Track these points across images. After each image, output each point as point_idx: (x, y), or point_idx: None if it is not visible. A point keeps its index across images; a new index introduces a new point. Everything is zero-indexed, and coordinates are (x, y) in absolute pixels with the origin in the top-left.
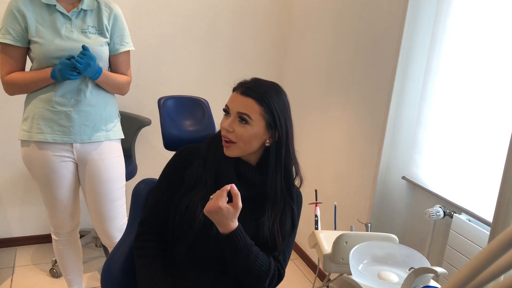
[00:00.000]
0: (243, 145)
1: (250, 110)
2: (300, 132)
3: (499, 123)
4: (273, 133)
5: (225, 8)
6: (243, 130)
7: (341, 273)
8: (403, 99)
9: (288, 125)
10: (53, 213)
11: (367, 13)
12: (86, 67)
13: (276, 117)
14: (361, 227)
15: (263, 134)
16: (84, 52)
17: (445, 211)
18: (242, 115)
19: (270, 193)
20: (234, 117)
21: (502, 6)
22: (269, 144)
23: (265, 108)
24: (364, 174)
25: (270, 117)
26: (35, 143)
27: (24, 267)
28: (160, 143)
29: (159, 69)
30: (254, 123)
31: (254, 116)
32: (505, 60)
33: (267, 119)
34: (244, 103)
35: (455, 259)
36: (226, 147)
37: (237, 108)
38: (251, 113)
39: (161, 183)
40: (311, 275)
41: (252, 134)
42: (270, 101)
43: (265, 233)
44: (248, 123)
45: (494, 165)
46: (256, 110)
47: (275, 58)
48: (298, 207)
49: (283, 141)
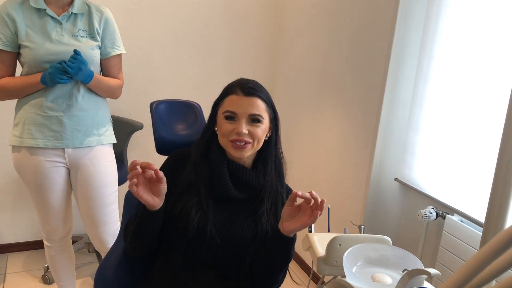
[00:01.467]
0: (256, 145)
1: (260, 109)
2: (293, 135)
3: (490, 124)
4: (273, 126)
5: (216, 12)
6: (257, 130)
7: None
8: (395, 101)
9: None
10: (45, 219)
11: (358, 16)
12: (78, 71)
13: (275, 110)
14: (354, 229)
15: (267, 129)
16: (75, 56)
17: (437, 212)
18: (255, 116)
19: (266, 186)
20: (246, 120)
21: (493, 8)
22: (267, 137)
23: (268, 103)
24: (356, 176)
25: (271, 111)
26: (27, 148)
27: (16, 274)
28: (153, 147)
29: (151, 73)
30: (264, 121)
31: (263, 114)
32: (495, 62)
33: (270, 114)
34: (252, 103)
35: (448, 260)
36: (242, 149)
37: (248, 111)
38: (261, 112)
39: None
40: (305, 277)
41: (263, 132)
42: (267, 94)
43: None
44: (261, 122)
45: (485, 166)
46: (263, 108)
47: (267, 61)
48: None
49: (275, 132)
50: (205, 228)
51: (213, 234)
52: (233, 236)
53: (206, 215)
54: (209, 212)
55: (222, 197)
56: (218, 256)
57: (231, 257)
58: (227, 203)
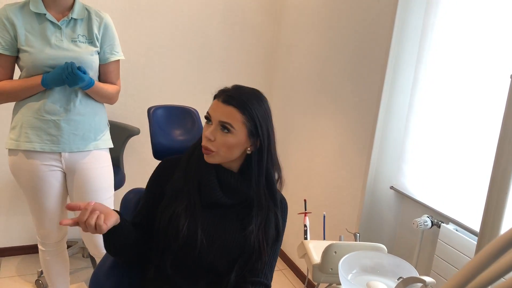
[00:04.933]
0: (224, 153)
1: (232, 119)
2: (289, 142)
3: (486, 134)
4: (255, 141)
5: (215, 18)
6: (224, 139)
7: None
8: (391, 110)
9: (270, 132)
10: (40, 223)
11: (356, 25)
12: (74, 85)
13: (258, 125)
14: (350, 237)
15: (245, 142)
16: (75, 73)
17: (432, 221)
18: (224, 124)
19: (255, 200)
20: (216, 126)
21: (489, 19)
22: (250, 151)
23: (247, 117)
24: (352, 184)
25: (252, 125)
26: (23, 152)
27: (9, 278)
28: (149, 153)
29: (149, 78)
30: (236, 132)
31: (236, 124)
32: (491, 72)
33: (248, 127)
34: (226, 111)
35: (442, 268)
36: (206, 154)
37: (219, 117)
38: (233, 121)
39: (145, 193)
40: (300, 285)
41: (234, 143)
42: (252, 109)
43: (252, 241)
44: (230, 132)
45: (481, 175)
46: (238, 118)
47: (264, 68)
48: (283, 214)
49: (265, 148)
50: (195, 234)
51: (203, 240)
52: (222, 241)
53: (195, 221)
54: (198, 218)
55: (211, 203)
56: (209, 262)
57: (222, 262)
58: (216, 209)
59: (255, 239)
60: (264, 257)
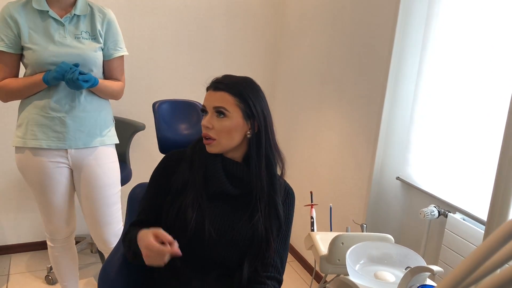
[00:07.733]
0: (225, 140)
1: (225, 102)
2: (294, 135)
3: (492, 122)
4: (253, 123)
5: (218, 12)
6: (222, 124)
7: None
8: (397, 100)
9: (265, 113)
10: (48, 219)
11: (360, 15)
12: (76, 88)
13: (252, 105)
14: (356, 228)
15: (243, 125)
16: (76, 78)
17: (439, 211)
18: (218, 108)
19: (256, 186)
20: (211, 113)
21: (494, 7)
22: (250, 135)
23: (239, 98)
24: (358, 175)
25: (246, 105)
26: (30, 149)
27: (19, 275)
28: (155, 148)
29: (153, 73)
30: (231, 115)
31: (230, 107)
32: (497, 60)
33: (243, 108)
34: (218, 97)
35: (450, 258)
36: (207, 144)
37: (213, 104)
38: (226, 105)
39: (149, 187)
40: (307, 277)
41: (232, 127)
42: (242, 90)
43: (260, 230)
44: (226, 116)
45: (487, 164)
46: (230, 101)
47: (268, 61)
48: (290, 205)
49: (262, 129)
50: (202, 226)
51: (211, 232)
52: (230, 231)
53: (203, 212)
54: (205, 210)
55: (217, 193)
56: (218, 254)
57: (231, 254)
58: (222, 199)
59: (262, 226)
60: (272, 245)
